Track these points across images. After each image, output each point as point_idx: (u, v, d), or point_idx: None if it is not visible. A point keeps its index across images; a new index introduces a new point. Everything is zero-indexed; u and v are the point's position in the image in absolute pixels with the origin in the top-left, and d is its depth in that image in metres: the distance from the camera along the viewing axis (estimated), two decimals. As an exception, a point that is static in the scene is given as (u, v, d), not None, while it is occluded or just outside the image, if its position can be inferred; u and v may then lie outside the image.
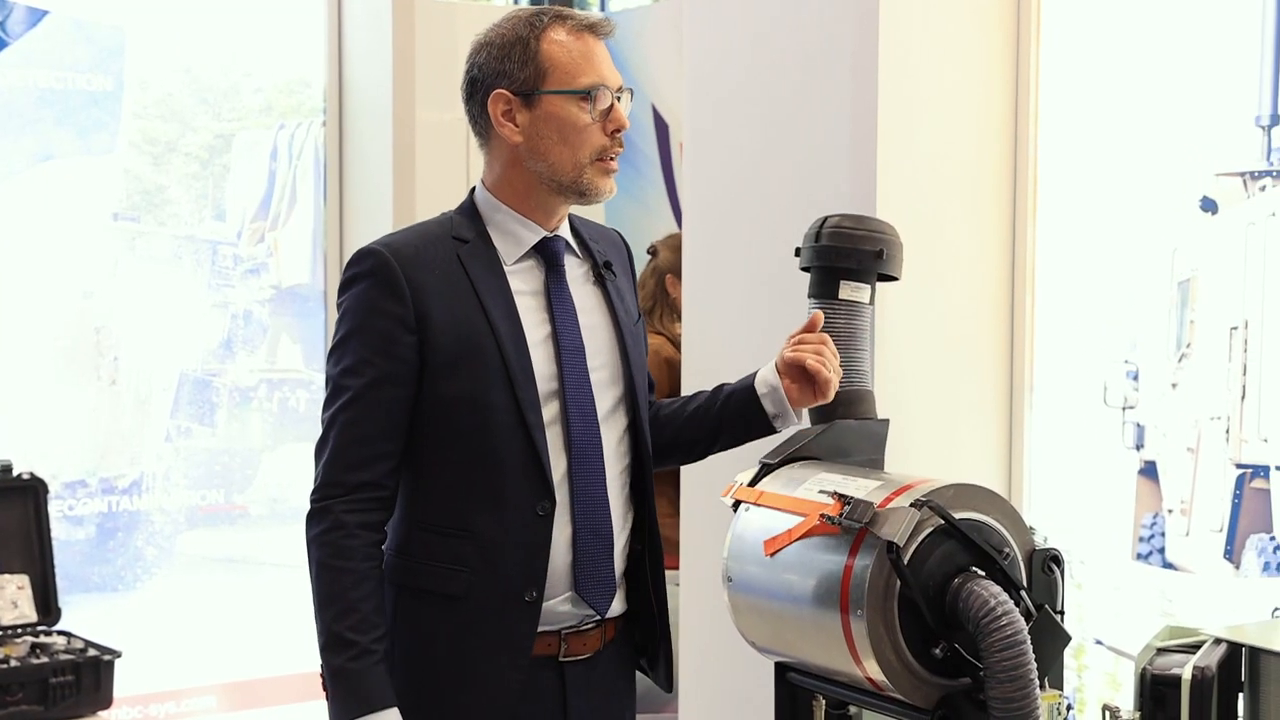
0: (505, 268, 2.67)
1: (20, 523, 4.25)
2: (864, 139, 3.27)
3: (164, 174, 5.04)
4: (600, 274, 2.78)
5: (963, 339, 3.38)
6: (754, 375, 2.82)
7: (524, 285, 2.69)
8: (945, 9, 3.32)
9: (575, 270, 2.76)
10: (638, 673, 2.88)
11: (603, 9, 7.46)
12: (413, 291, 2.59)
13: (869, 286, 2.89)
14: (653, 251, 5.36)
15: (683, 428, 2.88)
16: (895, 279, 2.96)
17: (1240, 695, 2.45)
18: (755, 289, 3.55)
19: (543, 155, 2.65)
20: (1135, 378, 3.22)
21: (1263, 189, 3.00)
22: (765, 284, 3.50)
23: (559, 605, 2.66)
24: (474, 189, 2.76)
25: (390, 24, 5.12)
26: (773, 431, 2.81)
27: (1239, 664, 2.44)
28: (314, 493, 2.61)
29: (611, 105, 2.65)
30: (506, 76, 2.65)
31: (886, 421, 2.90)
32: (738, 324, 3.61)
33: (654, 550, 2.78)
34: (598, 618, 2.70)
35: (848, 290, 2.87)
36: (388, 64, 5.14)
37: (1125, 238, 3.23)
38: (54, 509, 4.53)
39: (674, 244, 5.09)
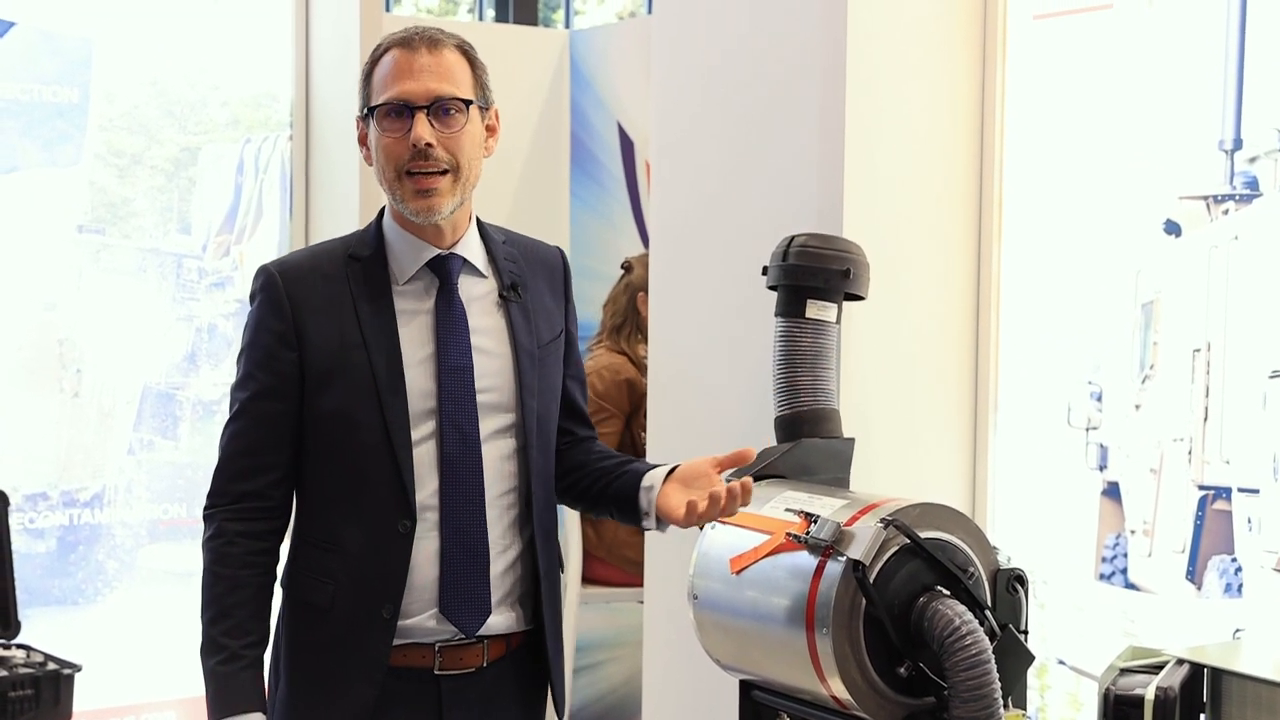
0: (396, 287, 2.71)
1: (-19, 535, 4.22)
2: (831, 159, 3.28)
3: (129, 186, 5.02)
4: (504, 295, 2.77)
5: (928, 358, 3.39)
6: (650, 469, 2.78)
7: (413, 304, 2.71)
8: (913, 29, 3.34)
9: (476, 289, 2.75)
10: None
11: (567, 26, 7.48)
12: (293, 309, 2.67)
13: (836, 305, 2.91)
14: (627, 267, 5.35)
15: (583, 478, 2.87)
16: (862, 298, 2.98)
17: (1202, 716, 2.46)
18: (722, 307, 3.56)
19: (377, 175, 2.72)
20: (1099, 398, 3.23)
21: (1225, 212, 3.02)
22: (732, 302, 3.51)
23: (425, 621, 2.68)
24: (384, 206, 2.80)
25: (358, 39, 5.11)
26: (641, 526, 2.76)
27: (1201, 684, 2.46)
28: (206, 499, 2.72)
29: (412, 122, 2.64)
30: (361, 100, 2.74)
31: (852, 440, 2.92)
32: (705, 342, 3.62)
33: (550, 573, 2.77)
34: (461, 637, 2.69)
35: (814, 309, 2.89)
36: (354, 79, 5.11)
37: (1089, 259, 3.25)
38: (15, 521, 4.49)
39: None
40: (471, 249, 2.76)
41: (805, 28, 3.34)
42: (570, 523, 5.07)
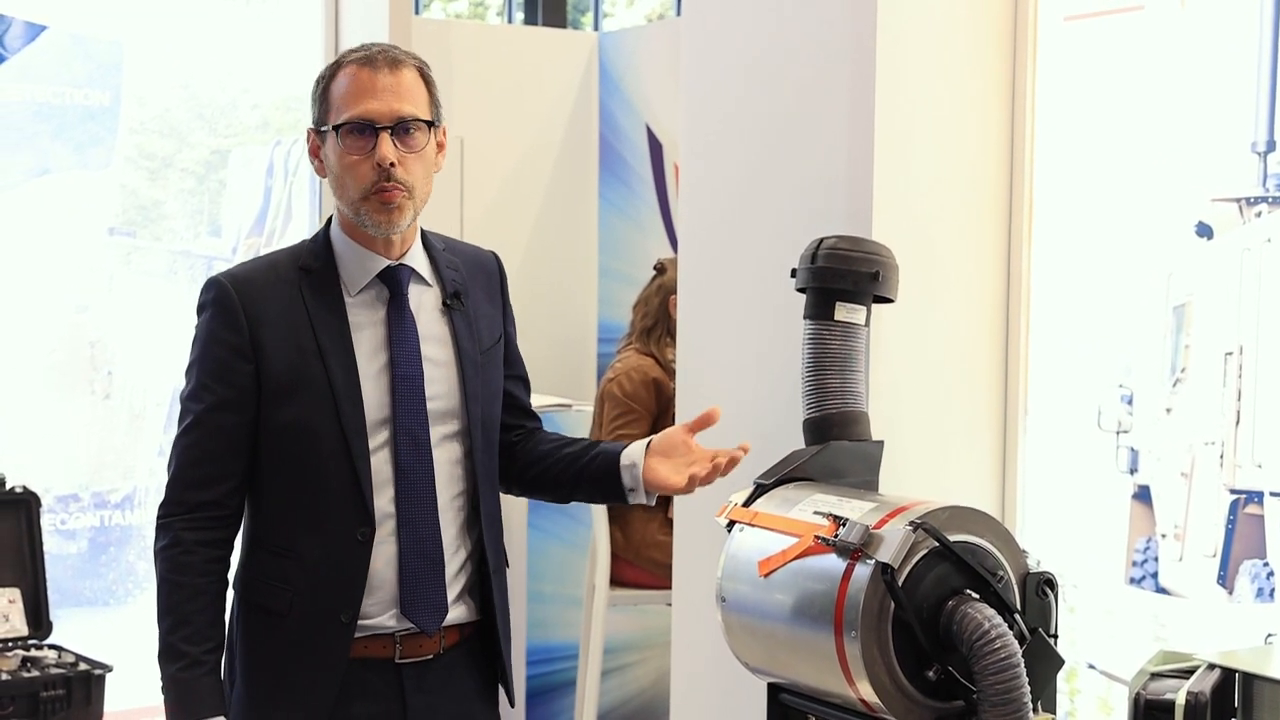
0: (347, 298, 2.77)
1: (12, 536, 4.25)
2: (860, 161, 3.28)
3: (160, 189, 5.04)
4: (447, 303, 2.84)
5: (957, 361, 3.38)
6: (621, 446, 2.89)
7: (365, 316, 2.77)
8: (943, 31, 3.33)
9: (423, 298, 2.83)
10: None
11: (596, 28, 7.48)
12: (249, 321, 2.71)
13: (864, 308, 2.90)
14: (660, 269, 5.35)
15: (550, 467, 2.96)
16: (891, 301, 2.97)
17: (1233, 720, 2.45)
18: (751, 310, 3.55)
19: (333, 189, 2.78)
20: (1129, 402, 3.22)
21: (1258, 215, 3.00)
22: (761, 305, 3.50)
23: (386, 620, 2.76)
24: (330, 217, 2.85)
25: (387, 42, 5.13)
26: (626, 503, 2.89)
27: (1232, 689, 2.44)
28: (160, 509, 2.77)
29: (371, 142, 2.69)
30: (314, 114, 2.78)
31: (881, 443, 2.91)
32: (733, 345, 3.61)
33: (499, 569, 2.88)
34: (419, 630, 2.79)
35: (843, 312, 2.88)
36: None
37: (1120, 262, 3.24)
38: (46, 523, 4.53)
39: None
40: (417, 259, 2.83)
41: (834, 29, 3.34)
42: (598, 526, 5.08)
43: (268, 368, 2.71)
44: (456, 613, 2.82)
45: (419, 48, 5.39)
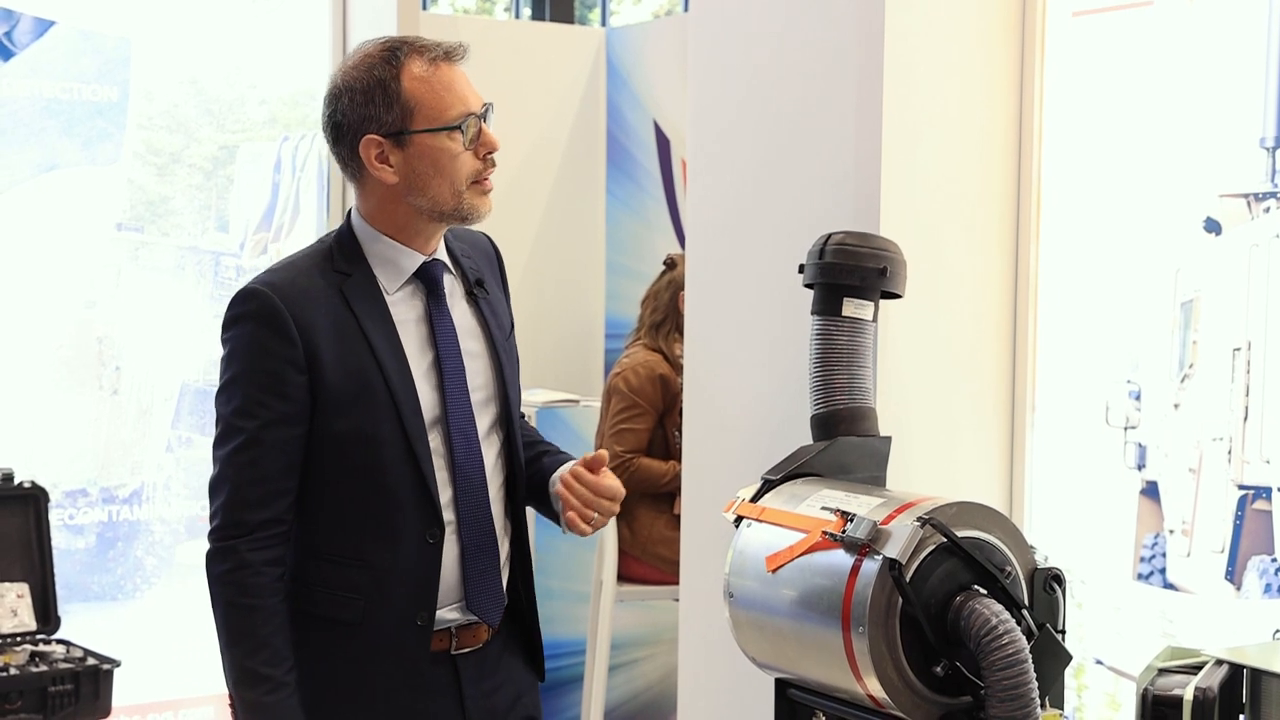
0: (387, 297, 2.72)
1: (21, 531, 4.26)
2: (868, 156, 3.27)
3: (168, 185, 5.05)
4: (473, 292, 2.82)
5: (965, 357, 3.38)
6: (564, 465, 2.87)
7: (406, 313, 2.74)
8: (950, 26, 3.32)
9: (451, 289, 2.80)
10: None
11: (604, 24, 7.48)
12: (301, 332, 2.63)
13: (872, 304, 2.90)
14: (670, 264, 5.35)
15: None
16: (898, 296, 2.96)
17: (1241, 717, 2.45)
18: (758, 306, 3.55)
19: (422, 190, 2.68)
20: (1137, 397, 3.22)
21: (1267, 210, 3.00)
22: (768, 300, 3.50)
23: (449, 614, 2.74)
24: (349, 214, 2.79)
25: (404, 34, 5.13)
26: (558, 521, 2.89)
27: (1240, 685, 2.44)
28: (214, 532, 2.66)
29: (480, 130, 2.68)
30: (374, 120, 2.66)
31: (888, 439, 2.91)
32: (740, 340, 3.61)
33: (524, 555, 2.88)
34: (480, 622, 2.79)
35: (851, 307, 2.88)
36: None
37: (1128, 257, 3.24)
38: (54, 518, 4.53)
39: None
40: (442, 251, 2.80)
41: (842, 25, 3.34)
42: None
43: (325, 377, 2.63)
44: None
45: (427, 43, 5.42)
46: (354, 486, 2.68)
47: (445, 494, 2.71)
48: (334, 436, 2.66)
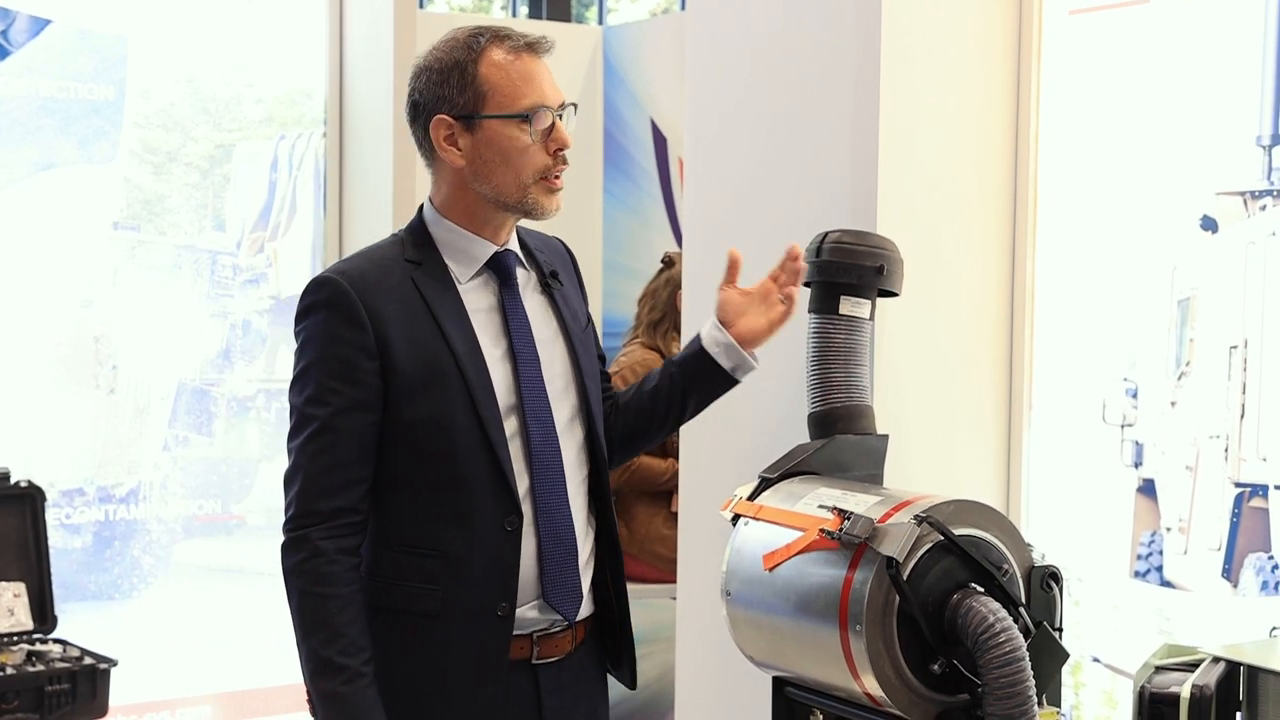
0: (459, 286, 2.71)
1: (18, 530, 4.25)
2: (865, 154, 3.28)
3: (164, 183, 5.05)
4: (547, 283, 2.82)
5: (962, 355, 3.38)
6: (698, 339, 2.90)
7: (479, 302, 2.72)
8: (947, 24, 3.32)
9: (524, 281, 2.79)
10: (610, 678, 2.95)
11: (601, 22, 7.48)
12: (372, 318, 2.63)
13: (869, 302, 2.90)
14: (668, 262, 5.34)
15: (645, 407, 2.94)
16: (895, 295, 2.97)
17: (1238, 714, 2.45)
18: (755, 303, 3.55)
19: (486, 177, 2.68)
20: (1134, 395, 3.22)
21: (1263, 208, 3.00)
22: (765, 299, 3.50)
23: (528, 612, 2.70)
24: (421, 207, 2.79)
25: (391, 35, 5.13)
26: (736, 383, 2.92)
27: (1237, 683, 2.45)
28: (289, 522, 2.64)
29: (553, 125, 2.68)
30: (447, 101, 2.67)
31: (885, 437, 2.91)
32: (737, 338, 3.61)
33: (614, 555, 2.84)
34: (566, 622, 2.75)
35: (848, 305, 2.88)
36: (388, 75, 5.15)
37: (1125, 255, 3.24)
38: (51, 517, 4.53)
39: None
40: (514, 244, 2.79)
41: (839, 23, 3.34)
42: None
43: (396, 364, 2.62)
44: (586, 605, 2.78)
45: (423, 41, 5.39)
46: (428, 474, 2.65)
47: (522, 484, 2.68)
48: (407, 424, 2.64)
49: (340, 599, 2.59)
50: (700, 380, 2.90)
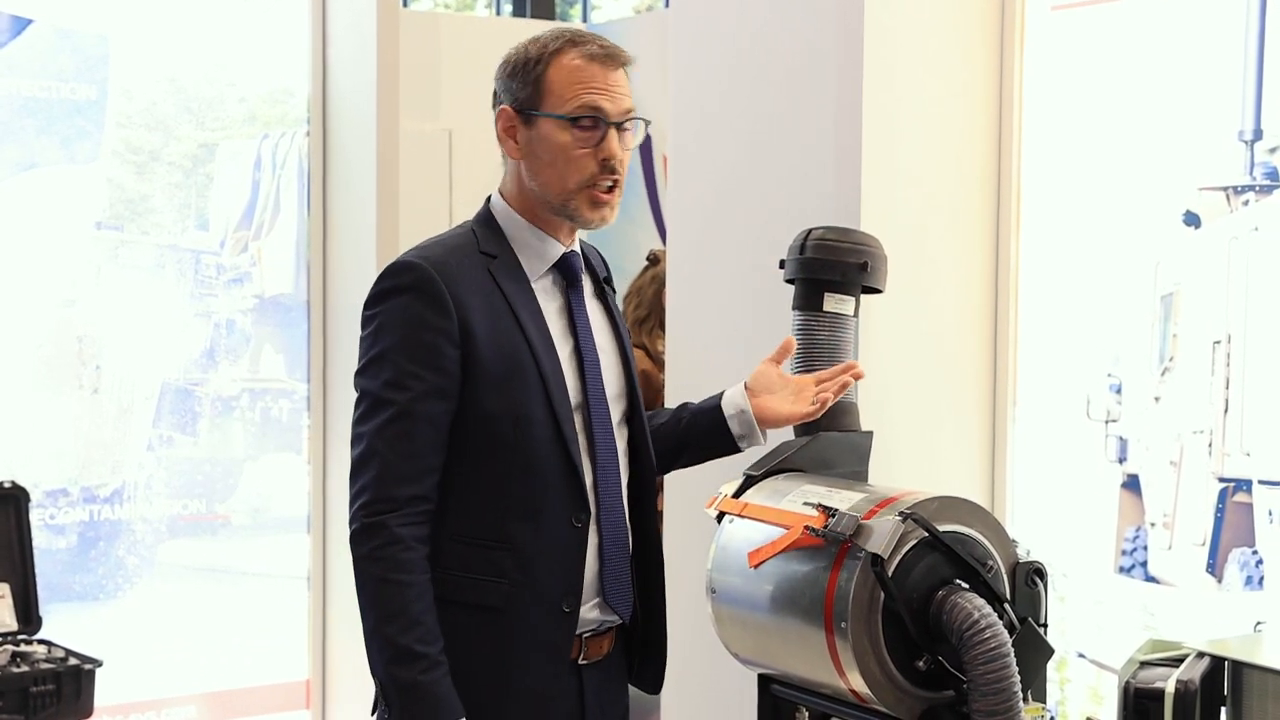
0: (532, 283, 2.72)
1: (1, 531, 4.24)
2: (849, 152, 3.28)
3: (147, 183, 5.03)
4: (603, 290, 2.84)
5: (946, 352, 3.39)
6: (719, 396, 2.89)
7: (547, 302, 2.73)
8: (930, 21, 3.33)
9: (586, 286, 2.81)
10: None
11: (584, 19, 7.47)
12: (457, 307, 2.61)
13: (853, 299, 2.90)
14: (653, 259, 5.33)
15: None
16: (879, 291, 2.97)
17: (1223, 709, 2.45)
18: (740, 301, 3.55)
19: (536, 174, 2.69)
20: (1118, 391, 3.23)
21: (1245, 203, 3.01)
22: (750, 296, 3.50)
23: (588, 612, 2.70)
24: (489, 199, 2.78)
25: (374, 34, 5.12)
26: (737, 451, 2.88)
27: (1222, 677, 2.45)
28: (362, 508, 2.60)
29: (605, 135, 2.67)
30: (511, 93, 2.70)
31: (870, 434, 2.91)
32: (722, 336, 3.61)
33: (656, 556, 2.83)
34: (616, 622, 2.75)
35: (832, 302, 2.89)
36: (372, 74, 5.14)
37: (1108, 251, 3.24)
38: (35, 517, 4.51)
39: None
40: (577, 246, 2.81)
41: (822, 21, 3.34)
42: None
43: (478, 354, 2.60)
44: (629, 607, 2.78)
45: (408, 39, 5.41)
46: (501, 466, 2.63)
47: (588, 480, 2.69)
48: (483, 415, 2.62)
49: (417, 587, 2.56)
50: (704, 434, 2.89)
